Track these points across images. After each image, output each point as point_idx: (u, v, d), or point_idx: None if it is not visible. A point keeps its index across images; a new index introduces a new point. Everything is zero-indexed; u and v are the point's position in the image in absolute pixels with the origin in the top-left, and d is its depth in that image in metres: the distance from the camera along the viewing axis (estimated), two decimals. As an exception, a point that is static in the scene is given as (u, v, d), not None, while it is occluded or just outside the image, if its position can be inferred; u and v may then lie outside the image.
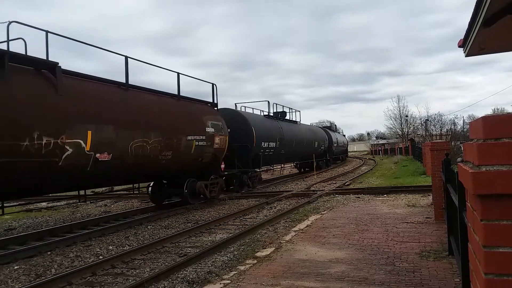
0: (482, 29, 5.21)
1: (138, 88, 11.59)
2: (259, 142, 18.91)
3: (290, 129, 24.26)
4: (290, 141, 23.37)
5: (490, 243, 1.25)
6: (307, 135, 28.23)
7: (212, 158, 14.53)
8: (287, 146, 22.67)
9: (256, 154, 18.73)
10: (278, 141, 21.28)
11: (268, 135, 20.23)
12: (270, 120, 22.15)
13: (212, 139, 14.30)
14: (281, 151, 21.91)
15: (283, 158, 23.64)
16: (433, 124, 47.85)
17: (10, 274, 6.91)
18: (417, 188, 14.94)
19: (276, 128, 21.74)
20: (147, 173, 12.00)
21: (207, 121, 14.24)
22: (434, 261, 5.92)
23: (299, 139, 25.46)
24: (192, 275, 6.36)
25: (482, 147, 1.26)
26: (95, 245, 8.91)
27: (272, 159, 21.81)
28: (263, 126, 20.15)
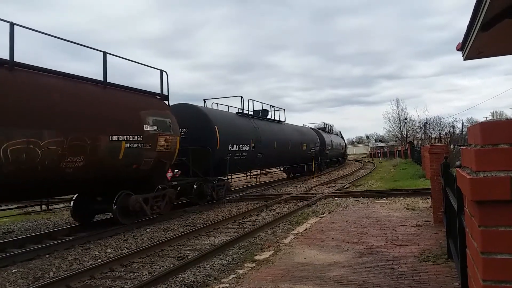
0: (480, 33, 5.22)
1: (32, 68, 8.56)
2: (225, 145, 16.06)
3: (270, 129, 21.42)
4: (270, 143, 20.61)
5: (488, 250, 1.25)
6: (293, 136, 25.03)
7: (155, 164, 11.51)
8: (265, 149, 19.91)
9: (221, 158, 15.83)
10: (253, 143, 18.47)
11: (239, 136, 17.27)
12: (244, 118, 19.09)
13: (154, 141, 11.27)
14: (258, 154, 19.13)
15: (260, 163, 20.19)
16: (432, 127, 47.95)
17: (8, 277, 6.89)
18: (416, 191, 14.93)
19: (250, 128, 18.73)
20: (38, 186, 8.62)
21: (147, 117, 11.11)
22: (433, 265, 5.91)
23: (282, 141, 22.51)
24: (191, 278, 6.34)
25: (480, 153, 1.26)
26: (93, 248, 8.89)
27: (246, 164, 18.71)
28: (232, 125, 17.21)
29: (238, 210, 13.90)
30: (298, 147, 25.88)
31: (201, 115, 15.85)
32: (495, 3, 4.22)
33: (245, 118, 19.32)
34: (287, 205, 14.52)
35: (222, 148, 15.81)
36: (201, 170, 15.09)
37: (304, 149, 27.26)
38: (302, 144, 26.73)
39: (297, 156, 26.09)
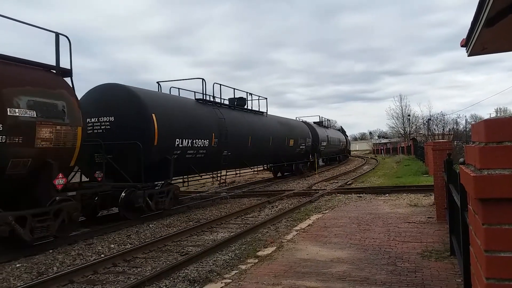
0: (484, 29, 5.18)
1: None
2: (169, 139, 12.24)
3: (245, 121, 17.80)
4: (242, 138, 17.04)
5: (492, 248, 1.24)
6: (276, 130, 21.30)
7: (37, 166, 8.28)
8: (235, 145, 16.18)
9: (162, 157, 12.04)
10: (216, 137, 14.77)
11: (193, 129, 13.48)
12: (205, 107, 15.11)
13: (30, 132, 8.05)
14: (224, 152, 15.49)
15: (227, 162, 16.07)
16: (435, 123, 47.80)
17: (12, 272, 6.93)
18: (419, 188, 14.91)
19: (212, 118, 14.90)
20: None
21: (15, 97, 7.87)
22: (436, 261, 5.91)
23: (261, 135, 18.90)
24: (194, 274, 6.36)
25: (484, 150, 1.25)
26: (97, 244, 8.93)
27: (204, 164, 14.64)
28: (184, 114, 13.36)
29: (240, 206, 13.92)
30: (283, 143, 22.19)
31: (133, 99, 11.65)
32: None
33: (207, 106, 15.29)
34: (290, 201, 14.53)
35: (164, 144, 11.93)
36: (129, 173, 11.19)
37: (291, 145, 23.59)
38: (289, 140, 23.05)
39: (282, 154, 22.45)
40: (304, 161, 26.59)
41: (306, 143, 26.41)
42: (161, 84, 15.18)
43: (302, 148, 25.73)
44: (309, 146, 27.10)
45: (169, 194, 12.28)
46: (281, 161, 23.20)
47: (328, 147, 33.59)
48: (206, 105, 15.37)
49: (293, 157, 24.66)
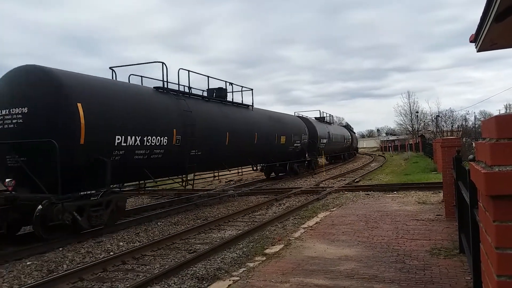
0: (494, 24, 5.13)
1: None
2: (106, 136, 9.69)
3: (221, 115, 15.15)
4: (216, 135, 14.37)
5: (503, 245, 1.23)
6: (264, 126, 18.67)
7: None
8: (206, 143, 13.59)
9: (93, 160, 9.39)
10: (179, 134, 12.21)
11: (145, 123, 10.91)
12: (165, 97, 12.53)
13: None
14: (192, 151, 12.95)
15: (196, 163, 13.37)
16: (444, 120, 47.44)
17: (22, 269, 7.02)
18: (428, 185, 14.81)
19: (175, 111, 12.33)
20: None
21: None
22: (445, 259, 5.87)
23: (243, 132, 16.38)
24: (202, 271, 6.39)
25: (495, 147, 1.24)
26: (106, 241, 9.00)
27: (165, 167, 12.21)
28: (130, 105, 10.70)
29: (248, 204, 13.94)
30: (273, 140, 19.57)
31: (51, 84, 9.08)
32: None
33: (169, 96, 12.66)
34: (297, 199, 14.52)
35: (96, 143, 9.33)
36: (45, 180, 8.73)
37: (283, 142, 20.95)
38: (280, 137, 20.37)
39: (270, 152, 19.87)
40: (300, 160, 24.05)
41: (301, 140, 23.63)
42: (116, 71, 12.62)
43: (296, 146, 23.08)
44: (305, 143, 24.39)
45: (109, 206, 9.74)
46: (271, 160, 20.82)
47: (329, 144, 30.81)
48: (168, 95, 12.70)
49: (286, 156, 22.11)
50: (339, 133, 36.38)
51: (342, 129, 40.77)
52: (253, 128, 17.55)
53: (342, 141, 36.98)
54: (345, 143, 38.70)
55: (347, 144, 40.27)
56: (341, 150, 37.72)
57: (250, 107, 18.71)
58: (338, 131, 36.54)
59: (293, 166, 23.20)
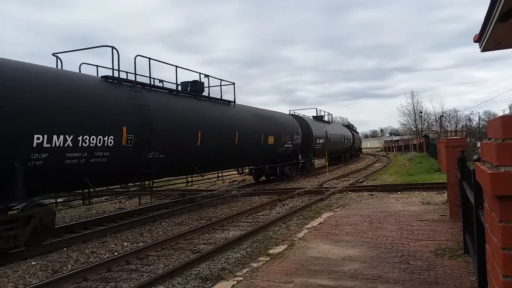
0: (498, 24, 5.11)
1: None
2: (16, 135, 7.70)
3: (192, 111, 13.19)
4: (184, 134, 12.39)
5: (509, 245, 1.23)
6: (247, 124, 16.56)
7: None
8: (170, 144, 11.70)
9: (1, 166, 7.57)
10: (131, 132, 10.18)
11: (81, 119, 8.95)
12: (116, 88, 10.52)
13: None
14: (150, 154, 10.84)
15: (157, 168, 11.16)
16: (448, 120, 47.29)
17: (27, 269, 7.06)
18: (432, 185, 14.76)
19: (126, 105, 10.31)
20: None
21: None
22: (449, 260, 5.85)
23: (218, 130, 14.18)
24: (206, 271, 6.40)
25: (501, 147, 1.24)
26: (110, 242, 9.03)
27: (112, 173, 10.29)
28: (62, 96, 8.73)
29: (251, 204, 13.95)
30: (258, 140, 17.43)
31: None
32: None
33: (120, 87, 10.63)
34: (301, 199, 14.51)
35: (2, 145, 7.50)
36: None
37: (271, 143, 18.75)
38: (267, 137, 18.21)
39: (255, 154, 17.80)
40: (292, 162, 22.22)
41: (293, 140, 21.56)
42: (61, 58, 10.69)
43: (288, 147, 21.00)
44: (297, 144, 22.27)
45: (30, 222, 8.01)
46: (257, 163, 18.86)
47: (327, 145, 28.54)
48: (120, 86, 10.68)
49: (276, 158, 20.26)
50: (339, 133, 34.62)
51: (342, 129, 39.19)
52: (233, 126, 15.46)
53: (342, 141, 35.21)
54: (345, 144, 36.90)
55: (348, 144, 38.56)
56: (341, 151, 35.98)
57: (232, 103, 16.67)
58: (338, 131, 34.87)
59: (284, 169, 21.22)
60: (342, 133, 36.10)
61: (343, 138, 35.65)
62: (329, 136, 29.52)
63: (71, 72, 10.02)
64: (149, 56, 11.86)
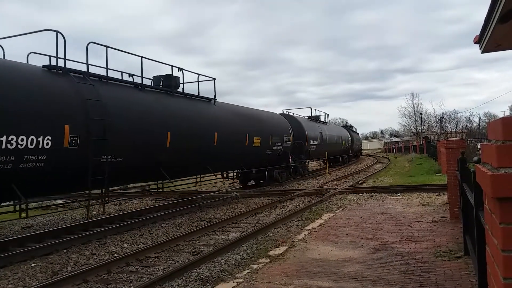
0: (498, 25, 5.12)
1: None
2: None
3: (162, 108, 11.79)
4: (152, 133, 11.06)
5: (510, 247, 1.23)
6: (228, 124, 15.19)
7: None
8: (129, 146, 10.36)
9: None
10: (77, 132, 8.83)
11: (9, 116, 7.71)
12: (61, 79, 9.13)
13: None
14: (103, 157, 9.48)
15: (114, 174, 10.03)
16: (448, 121, 47.30)
17: (27, 271, 7.05)
18: (432, 187, 14.76)
19: (70, 98, 8.99)
20: None
21: None
22: (450, 261, 5.84)
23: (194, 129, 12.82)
24: (206, 273, 6.39)
25: (502, 149, 1.24)
26: (110, 243, 9.02)
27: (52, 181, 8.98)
28: None
29: (251, 205, 13.94)
30: (243, 142, 16.14)
31: None
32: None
33: (66, 78, 9.28)
34: (301, 200, 14.50)
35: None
36: None
37: (257, 145, 17.38)
38: (253, 138, 16.84)
39: (240, 157, 16.45)
40: (282, 165, 20.79)
41: (283, 142, 20.20)
42: None
43: (277, 149, 19.63)
44: (288, 146, 20.91)
45: None
46: (240, 167, 17.39)
47: (322, 146, 27.10)
48: (66, 78, 9.31)
49: (264, 161, 18.86)
50: (336, 134, 33.23)
51: (339, 129, 37.71)
52: (213, 126, 14.03)
53: (339, 143, 33.82)
54: (343, 145, 35.41)
55: (346, 146, 37.05)
56: (339, 153, 34.81)
57: (212, 100, 15.22)
58: (334, 132, 33.44)
59: (273, 173, 19.77)
60: (339, 134, 34.81)
61: (340, 139, 34.39)
62: (324, 137, 28.29)
63: (5, 61, 8.64)
64: (105, 45, 10.52)
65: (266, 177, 19.54)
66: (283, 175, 20.93)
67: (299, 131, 23.26)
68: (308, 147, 24.33)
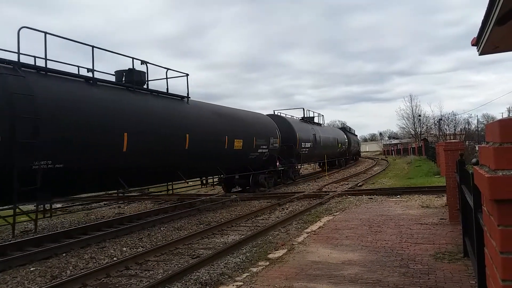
0: (496, 27, 5.14)
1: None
2: None
3: (116, 106, 10.33)
4: (104, 136, 9.69)
5: (508, 249, 1.23)
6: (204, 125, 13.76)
7: None
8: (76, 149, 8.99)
9: None
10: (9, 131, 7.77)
11: None
12: None
13: None
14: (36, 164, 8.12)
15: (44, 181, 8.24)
16: (446, 123, 47.34)
17: (26, 275, 7.02)
18: (431, 189, 14.76)
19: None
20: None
21: None
22: (449, 263, 5.84)
23: (157, 131, 11.36)
24: (205, 276, 6.38)
25: (499, 151, 1.24)
26: (109, 247, 9.00)
27: None
28: None
29: (251, 208, 13.92)
30: (221, 144, 14.77)
31: None
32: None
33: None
34: (300, 203, 14.49)
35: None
36: None
37: (240, 148, 16.02)
38: (233, 140, 15.47)
39: (218, 161, 14.88)
40: (268, 169, 19.27)
41: (270, 144, 18.65)
42: None
43: (262, 153, 18.09)
44: (275, 149, 19.32)
45: None
46: (219, 172, 15.69)
47: (315, 149, 25.90)
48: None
49: (247, 165, 17.42)
50: (331, 136, 31.75)
51: (336, 131, 35.99)
52: (183, 127, 12.68)
53: (335, 145, 32.27)
54: (339, 148, 33.90)
55: (343, 148, 35.56)
56: (335, 155, 33.44)
57: (185, 99, 13.89)
58: (330, 134, 31.88)
59: (258, 179, 18.34)
60: (334, 136, 33.17)
61: (336, 141, 32.90)
62: (318, 139, 26.52)
63: None
64: (44, 31, 8.96)
65: (251, 183, 18.16)
66: (270, 180, 19.38)
67: (289, 132, 21.80)
68: (299, 150, 22.89)
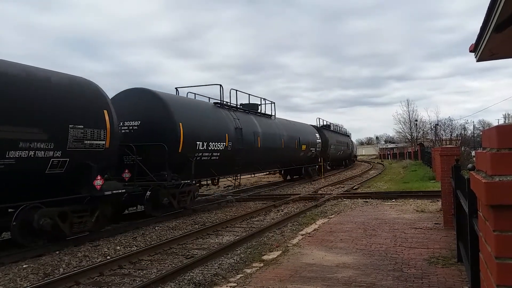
0: (494, 34, 5.16)
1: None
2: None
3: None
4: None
5: (503, 255, 1.23)
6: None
7: None
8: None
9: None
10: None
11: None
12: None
13: None
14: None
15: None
16: (443, 129, 47.56)
17: (19, 272, 6.98)
18: (426, 194, 14.81)
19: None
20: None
21: None
22: (443, 268, 5.86)
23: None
24: (199, 277, 6.36)
25: (496, 156, 1.24)
26: (103, 245, 8.96)
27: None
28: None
29: (246, 209, 13.91)
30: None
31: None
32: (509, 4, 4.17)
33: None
34: (295, 205, 14.49)
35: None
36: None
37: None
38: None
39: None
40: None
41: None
42: None
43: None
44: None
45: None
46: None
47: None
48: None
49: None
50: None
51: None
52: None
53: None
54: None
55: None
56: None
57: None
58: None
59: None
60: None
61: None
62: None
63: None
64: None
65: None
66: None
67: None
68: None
